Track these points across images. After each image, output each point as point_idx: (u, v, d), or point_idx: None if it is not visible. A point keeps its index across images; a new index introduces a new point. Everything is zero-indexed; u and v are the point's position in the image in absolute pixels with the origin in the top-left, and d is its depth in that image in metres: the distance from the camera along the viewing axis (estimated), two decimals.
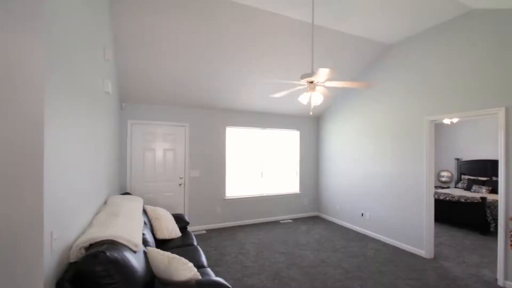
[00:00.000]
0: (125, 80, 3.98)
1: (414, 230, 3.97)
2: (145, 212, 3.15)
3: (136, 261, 1.74)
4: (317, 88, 3.14)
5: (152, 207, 3.24)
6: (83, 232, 1.89)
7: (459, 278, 3.19)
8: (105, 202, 2.80)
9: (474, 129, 6.76)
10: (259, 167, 5.65)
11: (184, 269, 1.82)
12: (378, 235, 4.56)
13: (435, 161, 7.26)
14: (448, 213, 5.24)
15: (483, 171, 6.28)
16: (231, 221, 5.30)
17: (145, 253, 2.03)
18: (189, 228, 4.77)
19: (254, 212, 5.52)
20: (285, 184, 5.95)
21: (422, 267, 3.49)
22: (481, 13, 3.25)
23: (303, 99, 3.12)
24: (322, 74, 2.72)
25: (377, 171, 4.61)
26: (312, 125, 6.22)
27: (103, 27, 2.60)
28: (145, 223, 2.78)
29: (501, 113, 3.07)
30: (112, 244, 1.69)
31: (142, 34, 3.32)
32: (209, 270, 2.39)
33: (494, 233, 4.67)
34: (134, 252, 1.85)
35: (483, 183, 6.00)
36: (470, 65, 3.37)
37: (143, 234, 2.35)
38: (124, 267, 1.58)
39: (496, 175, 5.96)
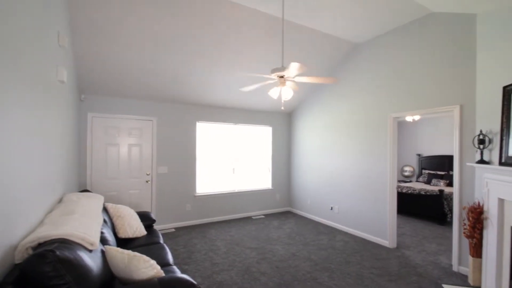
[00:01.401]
0: (85, 70, 3.70)
1: (378, 221, 4.15)
2: (106, 210, 2.95)
3: (91, 261, 1.60)
4: (287, 83, 3.15)
5: (113, 204, 3.04)
6: (32, 232, 1.71)
7: (419, 265, 3.38)
8: (61, 200, 2.58)
9: (433, 127, 7.25)
10: (231, 163, 5.59)
11: (146, 267, 1.71)
12: (346, 228, 4.72)
13: (399, 157, 7.71)
14: (410, 205, 5.57)
15: (442, 165, 6.77)
16: (202, 218, 5.18)
17: (103, 252, 1.89)
18: (157, 227, 4.60)
19: (225, 209, 5.44)
20: (257, 180, 5.94)
21: (385, 256, 3.66)
22: (440, 16, 3.45)
23: (274, 93, 3.11)
24: (293, 68, 2.73)
25: (346, 166, 4.76)
26: (284, 121, 6.27)
27: (57, 9, 2.37)
28: (105, 221, 2.60)
29: (456, 110, 3.30)
30: (64, 243, 1.55)
31: (103, 21, 3.09)
32: (175, 268, 2.29)
33: (451, 223, 5.06)
34: (90, 251, 1.71)
35: (441, 177, 6.46)
36: (430, 65, 3.57)
37: (102, 233, 2.19)
38: (76, 267, 1.45)
39: (453, 169, 6.44)
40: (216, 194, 5.34)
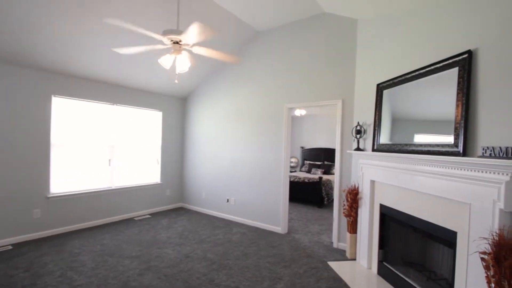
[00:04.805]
0: None
1: (272, 210, 4.22)
2: None
3: None
4: (184, 52, 2.62)
5: None
6: None
7: (307, 247, 3.58)
8: None
9: (314, 123, 8.28)
10: (107, 153, 4.46)
11: None
12: (242, 219, 4.60)
13: None
14: (296, 192, 6.04)
15: (319, 157, 7.81)
16: (60, 226, 3.88)
17: None
18: None
19: (97, 211, 4.30)
20: (142, 174, 5.02)
21: (279, 242, 3.72)
22: (331, 17, 3.73)
23: (166, 61, 2.52)
24: (192, 32, 2.23)
25: (243, 156, 4.63)
26: (177, 106, 5.58)
27: None
28: None
29: (339, 104, 3.66)
30: None
31: None
32: None
33: (327, 206, 5.84)
34: None
35: (318, 166, 7.42)
36: (320, 62, 3.82)
37: None
38: None
39: (327, 160, 7.52)
40: (82, 193, 4.11)
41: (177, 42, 2.47)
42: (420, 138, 2.41)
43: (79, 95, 4.05)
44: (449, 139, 2.06)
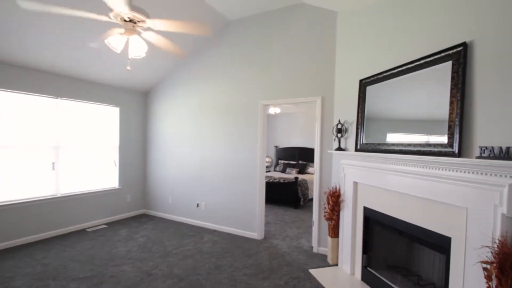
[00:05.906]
0: None
1: (247, 214, 3.91)
2: None
3: None
4: (139, 32, 2.17)
5: None
6: None
7: (286, 253, 3.33)
8: None
9: (289, 121, 8.09)
10: (49, 155, 3.76)
11: None
12: (214, 225, 4.21)
13: None
14: (271, 193, 5.74)
15: (293, 156, 7.65)
16: None
17: None
18: None
19: (38, 224, 3.62)
20: (97, 178, 4.37)
21: (256, 250, 3.42)
22: (308, 8, 3.50)
23: (115, 42, 2.05)
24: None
25: (214, 157, 4.24)
26: (138, 102, 4.99)
27: None
28: None
29: (318, 101, 3.45)
30: None
31: None
32: None
33: (303, 207, 5.67)
34: None
35: (293, 166, 7.25)
36: (297, 56, 3.57)
37: None
38: None
39: (302, 159, 7.39)
40: (17, 203, 3.41)
41: (128, 21, 2.02)
42: (409, 138, 2.26)
43: (10, 86, 3.34)
44: (442, 138, 1.91)
